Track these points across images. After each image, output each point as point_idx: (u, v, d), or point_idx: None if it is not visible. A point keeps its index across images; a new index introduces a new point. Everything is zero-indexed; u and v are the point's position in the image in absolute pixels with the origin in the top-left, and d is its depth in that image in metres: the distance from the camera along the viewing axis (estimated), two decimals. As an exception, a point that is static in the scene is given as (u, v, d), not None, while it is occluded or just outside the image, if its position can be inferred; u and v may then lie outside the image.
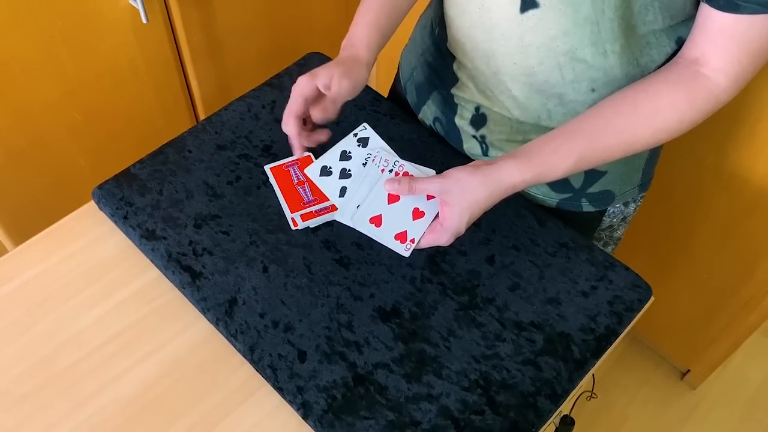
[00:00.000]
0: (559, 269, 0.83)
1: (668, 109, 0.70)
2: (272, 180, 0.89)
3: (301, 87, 0.79)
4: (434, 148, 0.94)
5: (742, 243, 1.30)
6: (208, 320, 0.79)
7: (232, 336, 0.77)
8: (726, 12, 0.65)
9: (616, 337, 0.79)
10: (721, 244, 1.34)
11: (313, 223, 0.85)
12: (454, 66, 0.87)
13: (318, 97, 0.80)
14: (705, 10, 0.67)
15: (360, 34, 0.83)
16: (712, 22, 0.67)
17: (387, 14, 0.84)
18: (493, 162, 0.72)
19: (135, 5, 1.14)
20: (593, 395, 0.99)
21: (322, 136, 0.84)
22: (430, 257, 0.83)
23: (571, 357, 0.76)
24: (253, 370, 0.76)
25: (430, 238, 0.75)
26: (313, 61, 1.04)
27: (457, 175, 0.72)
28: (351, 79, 0.79)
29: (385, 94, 1.02)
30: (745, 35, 0.65)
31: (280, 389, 0.74)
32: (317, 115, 0.80)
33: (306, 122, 0.84)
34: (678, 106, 0.70)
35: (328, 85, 0.78)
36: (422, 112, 0.97)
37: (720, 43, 0.67)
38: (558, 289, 0.81)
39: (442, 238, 0.74)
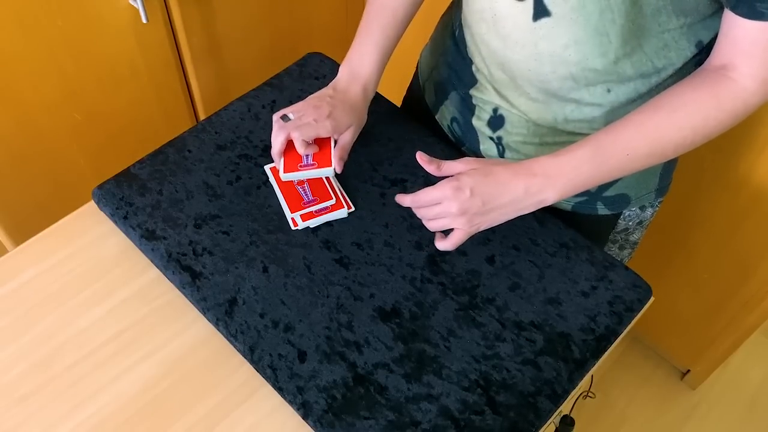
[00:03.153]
0: (559, 269, 0.83)
1: (691, 105, 0.70)
2: (272, 180, 0.89)
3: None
4: (434, 148, 0.94)
5: (742, 243, 1.30)
6: (208, 320, 0.79)
7: (232, 336, 0.77)
8: (750, 19, 0.64)
9: (616, 337, 0.79)
10: (721, 244, 1.34)
11: (313, 223, 0.85)
12: (473, 67, 0.87)
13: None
14: (729, 17, 0.66)
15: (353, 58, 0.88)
16: (737, 28, 0.66)
17: (387, 36, 0.87)
18: None
19: (135, 5, 1.13)
20: (590, 395, 0.99)
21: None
22: (430, 257, 0.83)
23: (571, 357, 0.76)
24: (253, 370, 0.76)
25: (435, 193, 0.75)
26: (313, 61, 1.04)
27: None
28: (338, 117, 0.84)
29: (389, 95, 1.02)
30: None
31: (280, 389, 0.74)
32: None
33: None
34: (702, 102, 0.70)
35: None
36: (440, 111, 0.97)
37: (746, 50, 0.67)
38: (558, 289, 0.81)
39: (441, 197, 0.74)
